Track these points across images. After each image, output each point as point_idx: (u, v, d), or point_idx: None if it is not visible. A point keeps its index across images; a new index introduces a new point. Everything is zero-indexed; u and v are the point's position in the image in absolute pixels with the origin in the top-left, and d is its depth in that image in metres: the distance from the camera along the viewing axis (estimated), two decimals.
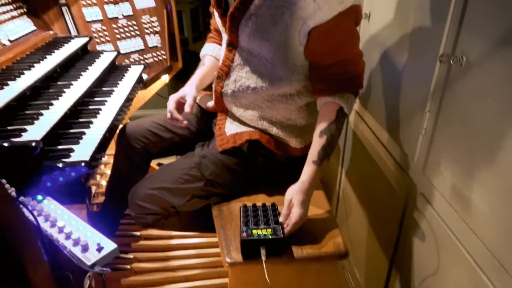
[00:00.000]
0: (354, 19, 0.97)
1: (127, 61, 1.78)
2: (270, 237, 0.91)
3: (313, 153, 1.00)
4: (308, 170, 1.00)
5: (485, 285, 0.77)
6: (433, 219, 0.95)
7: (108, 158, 1.75)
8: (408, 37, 1.06)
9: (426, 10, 0.96)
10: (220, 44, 1.27)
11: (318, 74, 1.01)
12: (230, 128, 1.14)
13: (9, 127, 0.97)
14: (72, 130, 1.09)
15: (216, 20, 1.18)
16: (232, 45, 1.05)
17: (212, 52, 1.28)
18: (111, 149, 1.35)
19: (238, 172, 1.12)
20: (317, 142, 0.99)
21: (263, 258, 0.88)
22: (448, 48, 0.86)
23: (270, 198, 1.13)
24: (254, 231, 0.93)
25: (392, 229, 1.16)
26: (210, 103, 1.24)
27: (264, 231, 0.93)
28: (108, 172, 1.49)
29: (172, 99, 1.15)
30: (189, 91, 1.15)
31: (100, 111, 1.21)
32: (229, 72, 1.08)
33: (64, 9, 1.68)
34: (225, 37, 1.10)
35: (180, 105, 1.15)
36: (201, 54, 1.31)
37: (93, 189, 1.73)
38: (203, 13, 3.73)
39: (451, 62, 0.84)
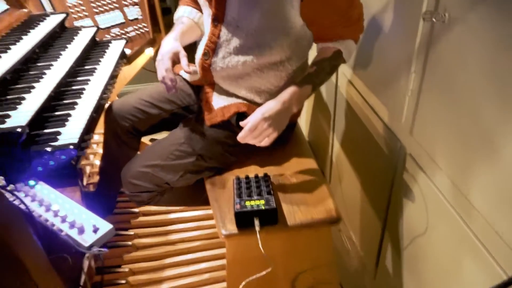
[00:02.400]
0: None
1: (107, 36, 1.73)
2: (263, 207, 0.93)
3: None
4: (287, 89, 0.98)
5: (470, 239, 0.79)
6: (421, 179, 0.97)
7: (100, 137, 1.74)
8: None
9: None
10: (196, 9, 1.20)
11: (318, 27, 1.02)
12: (218, 101, 1.13)
13: None
14: (57, 113, 1.07)
15: None
16: (218, 20, 1.02)
17: (189, 15, 1.18)
18: (102, 127, 1.33)
19: (228, 144, 1.12)
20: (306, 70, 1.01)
21: (257, 228, 0.91)
22: (431, 5, 0.84)
23: (262, 169, 1.13)
24: (248, 203, 0.94)
25: (383, 191, 1.18)
26: (196, 77, 1.21)
27: (257, 201, 0.94)
28: (101, 151, 1.49)
29: (166, 56, 1.00)
30: (177, 46, 1.03)
31: (84, 91, 1.18)
32: (216, 48, 1.05)
33: None
34: (208, 11, 1.06)
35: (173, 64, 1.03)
36: (176, 16, 1.21)
37: (88, 169, 1.73)
38: None
39: (434, 19, 0.82)
